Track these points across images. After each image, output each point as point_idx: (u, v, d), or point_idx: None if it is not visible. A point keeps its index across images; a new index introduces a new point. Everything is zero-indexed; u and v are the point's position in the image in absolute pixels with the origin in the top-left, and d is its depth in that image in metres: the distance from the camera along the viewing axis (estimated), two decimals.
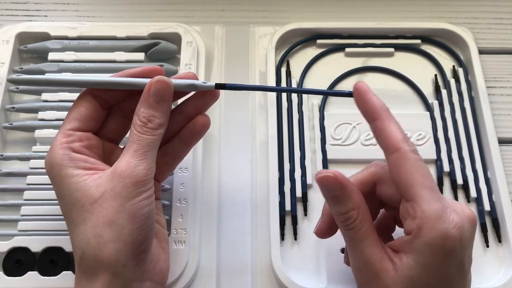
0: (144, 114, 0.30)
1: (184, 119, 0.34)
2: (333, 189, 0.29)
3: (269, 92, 0.44)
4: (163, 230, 0.34)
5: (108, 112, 0.33)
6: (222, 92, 0.45)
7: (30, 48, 0.45)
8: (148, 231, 0.29)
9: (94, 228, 0.28)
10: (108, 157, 0.33)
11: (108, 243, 0.28)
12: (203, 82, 0.32)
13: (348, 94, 0.32)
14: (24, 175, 0.40)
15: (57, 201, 0.31)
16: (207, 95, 0.33)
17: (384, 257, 0.28)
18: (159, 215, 0.34)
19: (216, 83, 0.32)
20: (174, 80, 0.31)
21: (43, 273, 0.36)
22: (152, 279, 0.31)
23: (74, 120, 0.31)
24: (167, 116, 0.31)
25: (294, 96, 0.45)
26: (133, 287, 0.29)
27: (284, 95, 0.45)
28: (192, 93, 0.34)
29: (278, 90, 0.36)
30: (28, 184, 0.39)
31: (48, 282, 0.36)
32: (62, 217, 0.31)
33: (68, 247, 0.37)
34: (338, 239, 0.38)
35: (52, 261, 0.37)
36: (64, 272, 0.36)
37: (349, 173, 0.42)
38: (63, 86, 0.40)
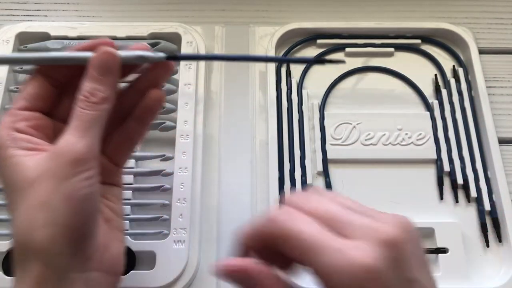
0: (87, 88, 0.28)
1: (138, 95, 0.31)
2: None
3: (269, 93, 0.44)
4: (117, 218, 0.31)
5: (60, 92, 0.31)
6: (222, 92, 0.46)
7: (30, 48, 0.45)
8: (88, 215, 0.26)
9: (27, 212, 0.25)
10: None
11: (40, 228, 0.25)
12: (153, 53, 0.29)
13: (309, 61, 0.30)
14: None
15: None
16: (159, 68, 0.31)
17: None
18: (114, 202, 0.31)
19: (167, 54, 0.30)
20: (121, 52, 0.29)
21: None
22: (100, 269, 0.28)
23: (21, 99, 0.29)
24: (113, 90, 0.28)
25: (294, 96, 0.45)
26: (71, 278, 0.26)
27: (284, 95, 0.45)
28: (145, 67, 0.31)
29: (232, 58, 0.31)
30: None
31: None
32: None
33: None
34: None
35: None
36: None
37: (349, 173, 0.42)
38: (4, 64, 0.39)
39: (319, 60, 0.29)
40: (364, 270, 0.21)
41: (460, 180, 0.42)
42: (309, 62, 0.30)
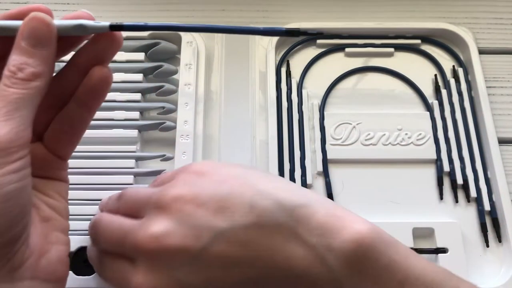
0: (14, 62, 0.23)
1: (80, 74, 0.26)
2: None
3: (269, 93, 0.44)
4: (60, 217, 0.27)
5: None
6: (222, 92, 0.46)
7: None
8: (15, 216, 0.22)
9: None
10: None
11: None
12: (95, 22, 0.25)
13: (285, 32, 0.26)
14: None
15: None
16: (103, 41, 0.25)
17: None
18: (56, 199, 0.27)
19: (111, 24, 0.25)
20: (57, 21, 0.24)
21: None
22: (34, 277, 0.24)
23: None
24: (48, 65, 0.24)
25: (294, 96, 0.45)
26: None
27: (284, 95, 0.45)
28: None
29: (184, 28, 0.27)
30: None
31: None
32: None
33: None
34: None
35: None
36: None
37: (349, 173, 0.42)
38: None
39: (291, 30, 0.26)
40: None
41: (460, 180, 0.42)
42: (280, 35, 0.26)
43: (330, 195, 0.41)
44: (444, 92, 0.46)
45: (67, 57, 0.27)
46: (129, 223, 0.27)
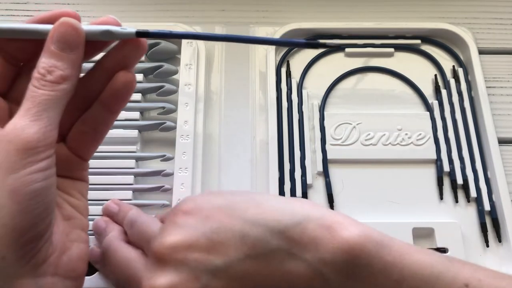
0: (43, 65, 0.24)
1: (105, 77, 0.27)
2: None
3: (269, 93, 0.44)
4: (80, 216, 0.28)
5: (18, 70, 0.27)
6: (222, 92, 0.46)
7: None
8: (40, 213, 0.23)
9: None
10: None
11: None
12: (121, 29, 0.25)
13: (305, 44, 0.26)
14: None
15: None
16: (129, 46, 0.26)
17: None
18: (78, 198, 0.28)
19: (137, 30, 0.25)
20: (86, 26, 0.25)
21: None
22: (56, 273, 0.25)
23: None
24: (75, 68, 0.25)
25: (294, 96, 0.45)
26: (19, 285, 0.23)
27: (284, 95, 0.45)
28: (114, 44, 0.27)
29: (211, 37, 0.28)
30: None
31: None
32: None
33: None
34: None
35: None
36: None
37: (349, 173, 0.42)
38: None
39: (311, 43, 0.26)
40: None
41: (460, 180, 0.42)
42: (300, 46, 0.26)
43: (330, 195, 0.41)
44: (444, 92, 0.46)
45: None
46: (135, 263, 0.28)
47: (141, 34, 0.25)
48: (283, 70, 0.46)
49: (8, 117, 0.25)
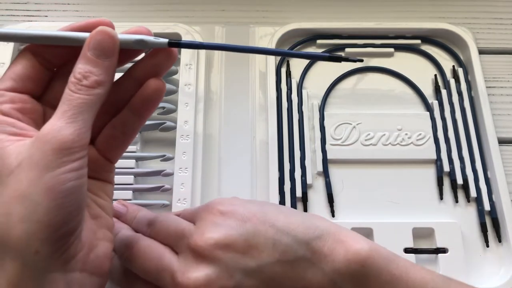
0: (80, 70, 0.25)
1: (136, 84, 0.28)
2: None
3: (269, 93, 0.44)
4: (107, 216, 0.29)
5: (53, 75, 0.28)
6: (222, 92, 0.46)
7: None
8: (72, 211, 0.24)
9: (5, 205, 0.23)
10: None
11: (17, 224, 0.23)
12: (154, 38, 0.27)
13: (328, 58, 0.27)
14: None
15: None
16: (160, 55, 0.28)
17: None
18: (104, 199, 0.29)
19: (169, 40, 0.27)
20: (120, 35, 0.26)
21: None
22: (84, 269, 0.26)
23: (8, 79, 0.26)
24: (109, 74, 0.26)
25: (294, 96, 0.45)
26: (51, 279, 0.24)
27: (284, 95, 0.45)
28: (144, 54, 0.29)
29: (240, 49, 0.29)
30: None
31: None
32: None
33: None
34: None
35: None
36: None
37: (349, 173, 0.42)
38: None
39: (334, 57, 0.27)
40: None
41: (460, 180, 0.42)
42: (323, 60, 0.27)
43: (330, 195, 0.41)
44: (444, 92, 0.46)
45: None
46: (168, 257, 0.29)
47: (173, 44, 0.27)
48: (283, 70, 0.46)
49: (42, 119, 0.27)
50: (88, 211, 0.27)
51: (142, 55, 0.29)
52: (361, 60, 0.29)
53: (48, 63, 0.27)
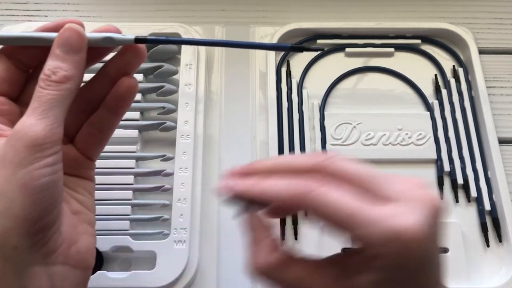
0: (49, 67, 0.25)
1: (109, 82, 0.29)
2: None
3: (269, 93, 0.44)
4: (87, 211, 0.30)
5: (28, 76, 0.29)
6: (222, 92, 0.46)
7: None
8: (48, 205, 0.24)
9: None
10: None
11: None
12: (121, 35, 0.27)
13: (290, 48, 0.28)
14: None
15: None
16: (129, 53, 0.28)
17: None
18: (85, 195, 0.30)
19: (136, 36, 0.27)
20: (88, 33, 0.27)
21: None
22: (66, 262, 0.26)
23: None
24: (78, 70, 0.26)
25: (294, 96, 0.45)
26: (32, 272, 0.25)
27: (284, 95, 0.45)
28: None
29: (204, 43, 0.30)
30: None
31: None
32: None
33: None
34: (338, 239, 0.38)
35: None
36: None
37: None
38: None
39: (296, 47, 0.28)
40: (411, 238, 0.21)
41: (460, 180, 0.42)
42: (286, 50, 0.28)
43: None
44: (444, 92, 0.46)
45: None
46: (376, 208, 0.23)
47: (140, 40, 0.27)
48: (283, 70, 0.46)
49: (19, 120, 0.27)
50: (68, 207, 0.28)
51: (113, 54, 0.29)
52: (322, 50, 0.28)
53: (23, 65, 0.28)
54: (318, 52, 0.47)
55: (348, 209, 0.22)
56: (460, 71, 0.47)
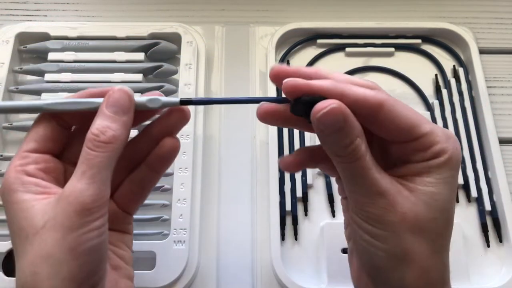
0: (98, 126, 0.26)
1: (152, 142, 0.30)
2: (338, 121, 0.25)
3: (269, 93, 0.44)
4: (127, 266, 0.31)
5: (71, 134, 0.30)
6: (222, 92, 0.46)
7: (30, 48, 0.45)
8: (94, 267, 0.25)
9: (32, 264, 0.25)
10: None
11: (44, 281, 0.24)
12: (167, 97, 0.29)
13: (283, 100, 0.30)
14: None
15: None
16: (174, 114, 0.30)
17: (394, 181, 0.26)
18: (124, 249, 0.31)
19: (181, 99, 0.28)
20: (135, 97, 0.28)
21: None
22: None
23: (31, 141, 0.28)
24: (126, 130, 0.27)
25: None
26: None
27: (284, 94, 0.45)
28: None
29: (244, 101, 0.32)
30: None
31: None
32: None
33: None
34: (338, 239, 0.38)
35: None
36: None
37: None
38: (14, 113, 0.40)
39: (295, 111, 0.29)
40: (458, 144, 0.27)
41: (460, 180, 0.41)
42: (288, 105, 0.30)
43: (330, 195, 0.41)
44: (444, 92, 0.46)
45: None
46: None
47: (185, 102, 0.28)
48: None
49: (64, 176, 0.29)
50: (109, 262, 0.29)
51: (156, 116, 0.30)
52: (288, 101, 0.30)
53: (65, 123, 0.29)
54: (325, 49, 0.47)
55: (415, 114, 0.27)
56: (461, 71, 0.47)
